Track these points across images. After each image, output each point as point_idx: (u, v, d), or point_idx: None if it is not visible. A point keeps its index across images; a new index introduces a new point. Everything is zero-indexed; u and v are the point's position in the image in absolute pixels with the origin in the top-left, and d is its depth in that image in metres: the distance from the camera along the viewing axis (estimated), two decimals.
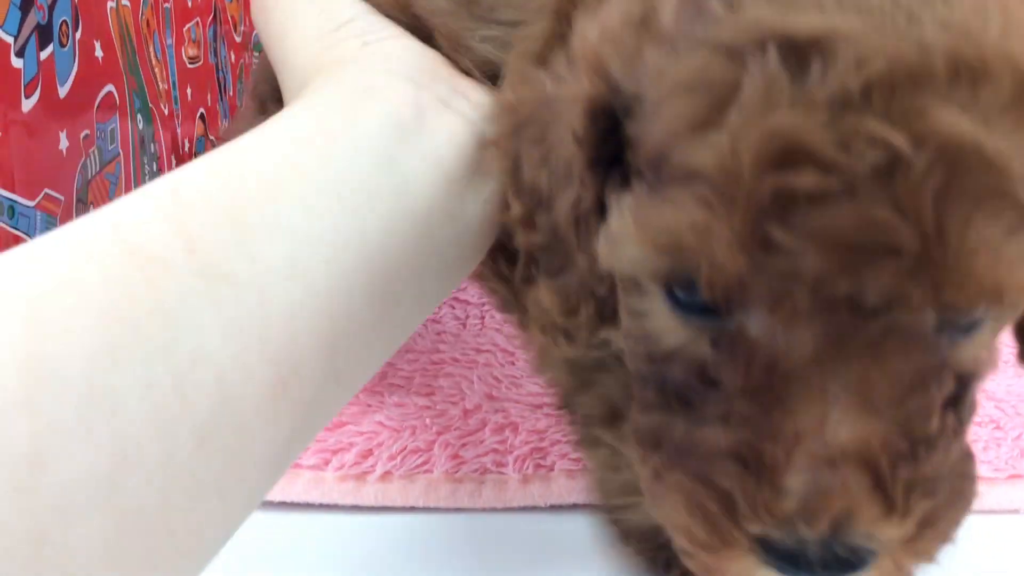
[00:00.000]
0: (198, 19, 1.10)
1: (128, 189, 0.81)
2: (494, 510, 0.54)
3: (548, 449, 0.56)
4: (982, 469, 0.55)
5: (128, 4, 0.83)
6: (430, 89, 0.40)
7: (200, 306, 0.29)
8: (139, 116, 0.84)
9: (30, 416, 0.24)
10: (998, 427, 0.59)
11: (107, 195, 0.76)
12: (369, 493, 0.54)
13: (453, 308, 0.75)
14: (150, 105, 0.88)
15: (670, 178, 0.28)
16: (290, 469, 0.54)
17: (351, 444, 0.56)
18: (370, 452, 0.56)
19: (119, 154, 0.78)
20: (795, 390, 0.28)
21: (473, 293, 0.76)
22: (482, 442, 0.57)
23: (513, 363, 0.66)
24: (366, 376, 0.38)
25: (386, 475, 0.55)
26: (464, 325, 0.74)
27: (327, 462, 0.55)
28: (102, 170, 0.75)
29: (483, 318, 0.75)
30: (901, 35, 0.26)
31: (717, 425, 0.29)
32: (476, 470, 0.55)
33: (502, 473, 0.55)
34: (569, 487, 0.54)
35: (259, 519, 0.53)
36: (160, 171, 0.90)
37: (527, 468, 0.55)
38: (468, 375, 0.63)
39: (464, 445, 0.56)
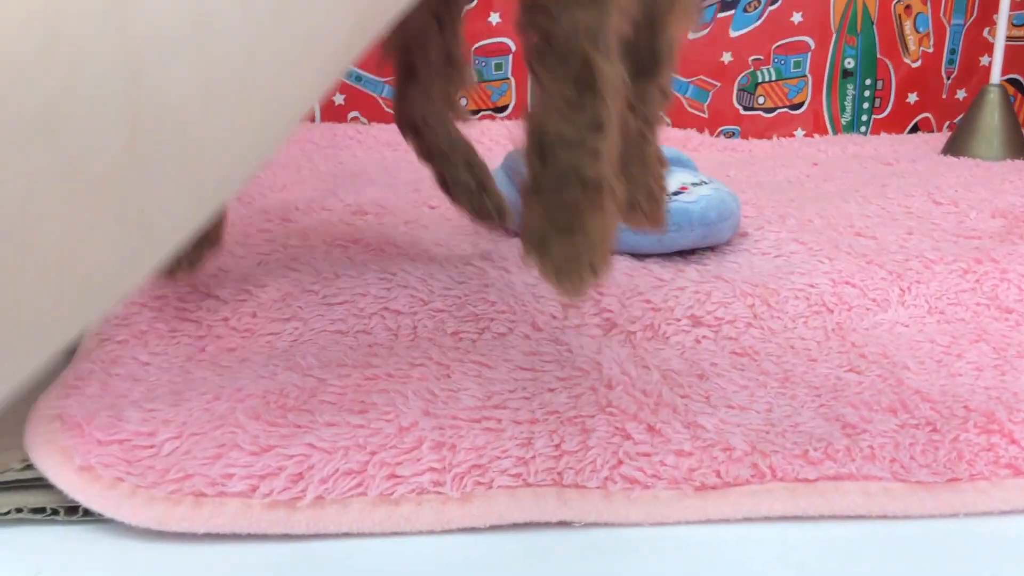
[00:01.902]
0: None
1: None
2: (432, 532, 0.52)
3: (487, 466, 0.54)
4: (920, 474, 0.55)
5: None
6: None
7: None
8: None
9: None
10: (935, 430, 0.59)
11: None
12: (301, 520, 0.51)
13: (384, 319, 0.73)
14: None
15: None
16: (213, 497, 0.52)
17: (280, 468, 0.53)
18: (300, 476, 0.53)
19: None
20: None
21: (404, 303, 0.74)
22: (419, 460, 0.54)
23: (449, 376, 0.64)
24: None
25: (318, 500, 0.52)
26: (396, 336, 0.72)
27: (254, 489, 0.52)
28: None
29: (415, 328, 0.73)
30: None
31: None
32: (414, 490, 0.53)
33: (441, 492, 0.53)
34: (510, 506, 0.52)
35: (182, 553, 0.50)
36: None
37: (466, 486, 0.53)
38: (403, 390, 0.61)
39: (400, 464, 0.54)
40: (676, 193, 0.89)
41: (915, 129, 1.53)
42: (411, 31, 0.77)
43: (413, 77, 0.80)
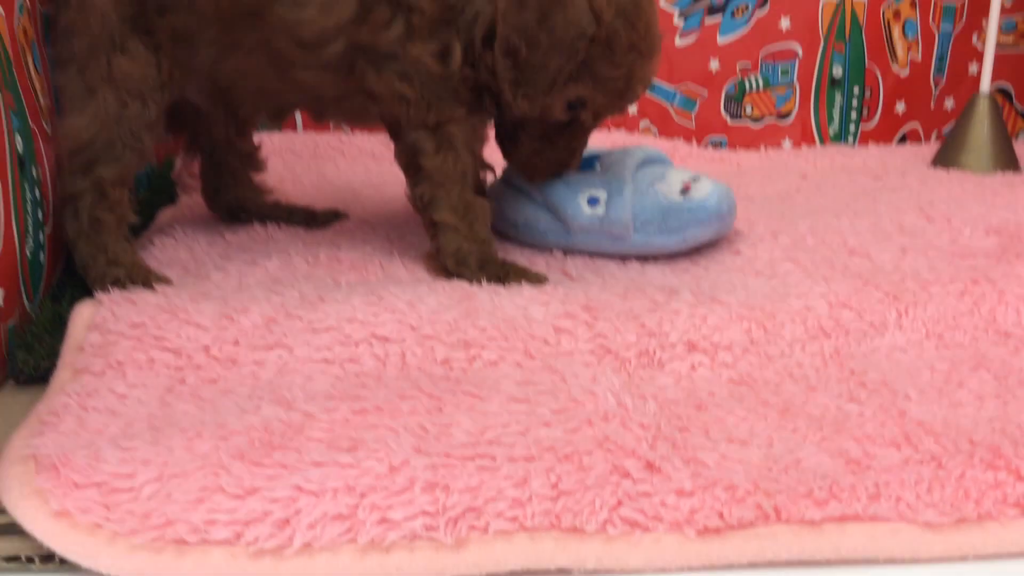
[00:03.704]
0: None
1: (7, 218, 0.73)
2: None
3: (482, 508, 0.52)
4: (927, 514, 0.54)
5: (0, 13, 0.75)
6: None
7: None
8: (18, 136, 0.77)
9: None
10: (940, 466, 0.57)
11: None
12: (288, 570, 0.49)
13: (371, 346, 0.71)
14: (30, 124, 0.80)
15: None
16: (198, 546, 0.49)
17: (265, 513, 0.51)
18: (287, 521, 0.51)
19: None
20: None
21: (392, 329, 0.72)
22: (411, 503, 0.52)
23: (440, 409, 0.62)
24: None
25: (306, 547, 0.50)
26: (384, 364, 0.70)
27: (239, 535, 0.50)
28: None
29: (404, 356, 0.70)
30: None
31: None
32: (406, 536, 0.51)
33: (434, 539, 0.51)
34: (507, 553, 0.50)
35: None
36: (44, 196, 0.82)
37: (461, 531, 0.51)
38: (393, 425, 0.59)
39: (391, 507, 0.52)
40: (683, 191, 0.89)
41: (903, 140, 1.52)
42: (214, 136, 0.96)
43: (219, 171, 0.99)
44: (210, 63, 0.85)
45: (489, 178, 0.96)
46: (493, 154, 0.91)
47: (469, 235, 0.84)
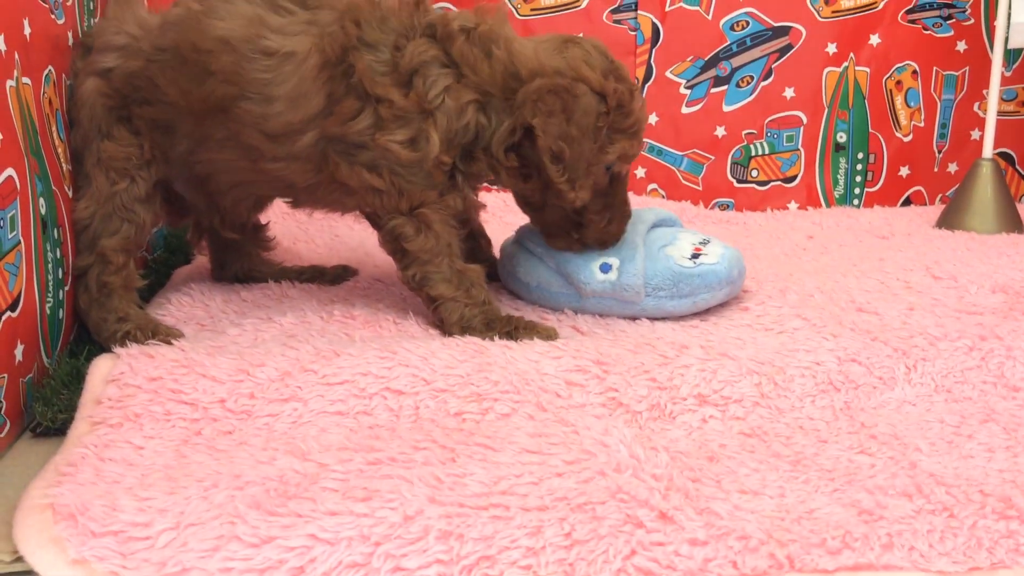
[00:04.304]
0: None
1: (30, 277, 0.75)
2: None
3: (496, 557, 0.52)
4: (940, 563, 0.54)
5: (28, 82, 0.78)
6: None
7: None
8: (41, 200, 0.79)
9: None
10: (952, 515, 0.57)
11: (7, 286, 0.70)
12: None
13: (385, 399, 0.71)
14: (53, 188, 0.82)
15: None
16: None
17: (281, 561, 0.51)
18: (302, 570, 0.51)
19: (19, 242, 0.73)
20: None
21: (406, 382, 0.72)
22: (425, 551, 0.53)
23: (454, 459, 0.62)
24: None
25: None
26: (398, 417, 0.71)
27: None
28: (1, 260, 0.69)
29: (417, 408, 0.71)
30: None
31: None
32: None
33: None
34: None
35: None
36: (64, 256, 0.84)
37: None
38: (407, 475, 0.59)
39: (406, 555, 0.52)
40: (694, 256, 0.91)
41: (907, 202, 1.54)
42: (226, 215, 0.98)
43: (227, 248, 1.02)
44: (186, 154, 0.89)
45: (482, 214, 1.00)
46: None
47: (468, 301, 0.86)
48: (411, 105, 0.82)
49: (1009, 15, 1.31)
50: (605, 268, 0.90)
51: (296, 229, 1.23)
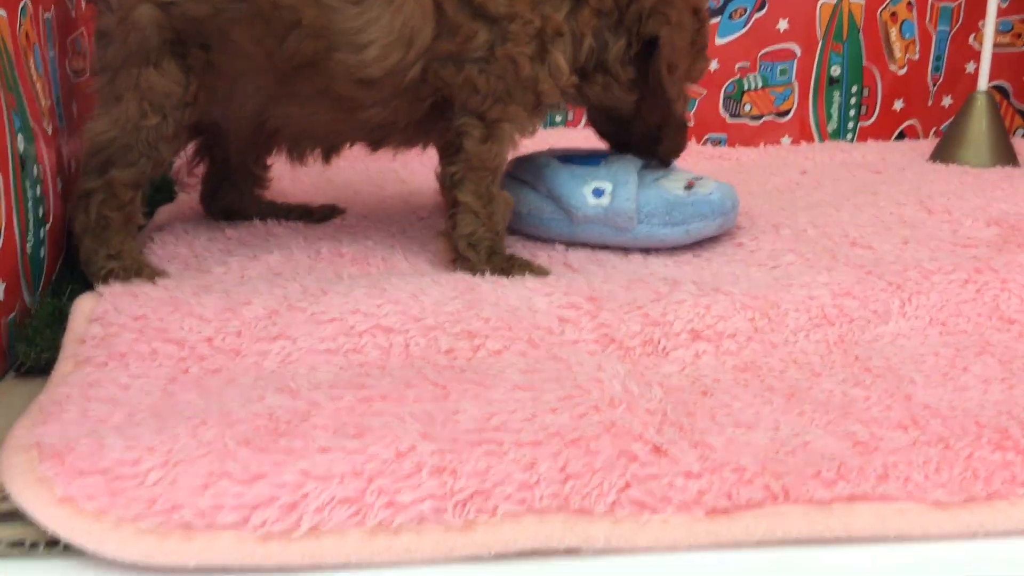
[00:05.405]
0: (83, 29, 1.02)
1: (8, 215, 0.73)
2: (435, 562, 0.50)
3: (490, 491, 0.52)
4: (936, 493, 0.53)
5: (4, 14, 0.75)
6: None
7: None
8: (19, 136, 0.77)
9: None
10: (947, 447, 0.57)
11: None
12: (296, 552, 0.49)
13: (375, 336, 0.70)
14: (31, 124, 0.80)
15: None
16: (205, 530, 0.49)
17: (273, 497, 0.51)
18: (294, 505, 0.50)
19: None
20: None
21: (396, 320, 0.71)
22: (419, 487, 0.52)
23: (446, 396, 0.61)
24: None
25: (314, 530, 0.50)
26: (388, 354, 0.70)
27: (246, 519, 0.50)
28: None
29: (407, 346, 0.70)
30: None
31: None
32: (414, 518, 0.51)
33: (442, 521, 0.50)
34: (516, 532, 0.50)
35: None
36: (44, 195, 0.82)
37: (469, 513, 0.51)
38: (399, 412, 0.58)
39: (399, 491, 0.52)
40: (688, 187, 0.91)
41: (901, 136, 1.53)
42: (230, 157, 0.97)
43: (222, 181, 0.99)
44: (257, 108, 0.87)
45: None
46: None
47: (487, 222, 0.86)
48: (541, 24, 0.84)
49: None
50: (598, 193, 0.89)
51: (281, 166, 1.21)
